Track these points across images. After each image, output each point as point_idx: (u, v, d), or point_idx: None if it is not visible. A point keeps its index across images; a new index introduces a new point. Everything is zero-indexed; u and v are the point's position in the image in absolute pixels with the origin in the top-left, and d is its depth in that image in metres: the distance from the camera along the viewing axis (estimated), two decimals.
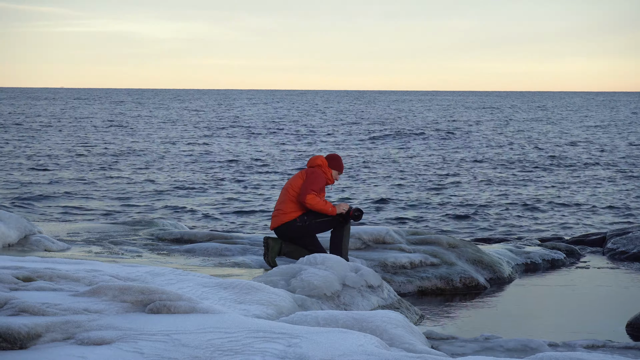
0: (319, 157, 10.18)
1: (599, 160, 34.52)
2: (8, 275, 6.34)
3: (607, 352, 6.86)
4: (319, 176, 9.97)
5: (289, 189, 9.98)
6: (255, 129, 55.71)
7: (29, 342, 5.17)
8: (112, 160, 32.67)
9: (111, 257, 10.01)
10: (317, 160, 10.14)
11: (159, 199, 22.58)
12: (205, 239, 11.78)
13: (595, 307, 9.91)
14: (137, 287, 5.97)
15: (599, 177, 28.60)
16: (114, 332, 5.35)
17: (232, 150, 39.04)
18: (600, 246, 13.80)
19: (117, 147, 39.45)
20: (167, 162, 32.49)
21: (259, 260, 10.47)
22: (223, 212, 20.41)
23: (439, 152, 38.50)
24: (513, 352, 6.90)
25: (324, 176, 10.06)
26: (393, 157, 35.55)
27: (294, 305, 7.27)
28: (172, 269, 7.85)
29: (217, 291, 7.11)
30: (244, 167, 31.42)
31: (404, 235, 11.58)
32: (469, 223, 19.06)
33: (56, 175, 27.08)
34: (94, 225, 13.17)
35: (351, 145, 42.66)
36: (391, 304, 8.68)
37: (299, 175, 10.05)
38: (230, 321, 5.64)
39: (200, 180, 26.95)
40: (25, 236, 10.69)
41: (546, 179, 27.92)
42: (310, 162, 10.17)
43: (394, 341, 6.06)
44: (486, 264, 11.25)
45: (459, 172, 29.89)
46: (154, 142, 42.80)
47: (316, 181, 9.94)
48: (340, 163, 10.28)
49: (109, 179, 26.55)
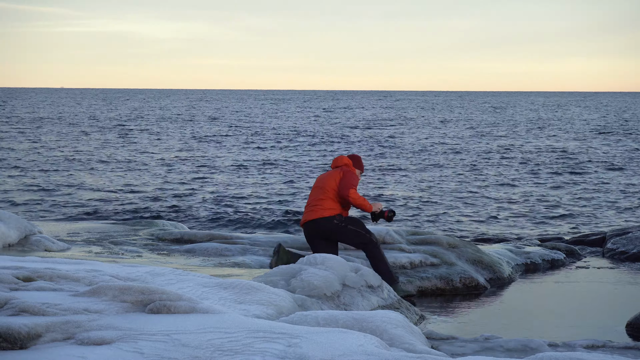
0: (344, 157, 10.36)
1: (598, 160, 34.52)
2: (8, 275, 6.34)
3: (607, 352, 6.87)
4: (353, 174, 10.19)
5: (326, 187, 10.06)
6: (258, 131, 55.72)
7: (29, 342, 5.18)
8: (112, 160, 32.67)
9: (111, 257, 10.01)
10: (344, 159, 10.31)
11: (159, 199, 22.58)
12: (205, 239, 11.79)
13: (595, 307, 9.91)
14: (137, 287, 5.98)
15: (599, 177, 28.60)
16: (114, 332, 5.35)
17: (232, 150, 39.04)
18: (600, 246, 13.80)
19: (117, 147, 39.45)
20: (167, 162, 32.48)
21: (259, 260, 10.47)
22: (223, 212, 20.41)
23: (439, 151, 38.50)
24: (513, 352, 6.90)
25: (356, 175, 10.26)
26: (393, 157, 35.55)
27: (294, 305, 7.27)
28: (172, 269, 7.85)
29: (217, 291, 7.11)
30: (245, 167, 31.42)
31: (404, 235, 11.58)
32: (469, 223, 19.06)
33: (56, 175, 27.07)
34: (94, 225, 13.17)
35: (349, 143, 42.69)
36: (391, 304, 8.68)
37: (332, 174, 10.15)
38: (230, 321, 5.64)
39: (201, 180, 26.95)
40: (25, 236, 10.70)
41: (546, 179, 27.92)
42: (337, 162, 10.32)
43: (394, 341, 6.06)
44: (486, 264, 11.24)
45: (459, 172, 29.89)
46: (154, 142, 42.80)
47: (353, 178, 10.16)
48: (362, 163, 10.53)
49: (109, 179, 26.54)
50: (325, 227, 9.98)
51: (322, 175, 10.24)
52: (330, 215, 10.00)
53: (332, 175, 10.13)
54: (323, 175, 10.25)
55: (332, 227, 9.98)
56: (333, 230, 9.98)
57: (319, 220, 9.99)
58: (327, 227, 9.97)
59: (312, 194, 10.18)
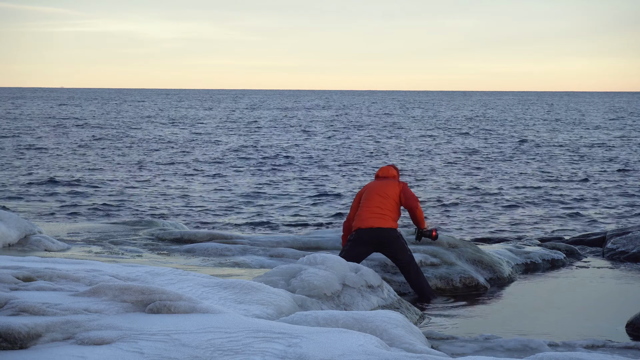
0: (393, 168, 10.49)
1: (598, 160, 34.51)
2: (8, 275, 6.34)
3: (607, 352, 6.86)
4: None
5: (389, 197, 10.12)
6: (259, 128, 55.70)
7: (29, 342, 5.18)
8: (112, 160, 32.66)
9: (111, 257, 10.01)
10: (392, 171, 10.44)
11: (160, 198, 22.58)
12: (205, 239, 11.78)
13: (595, 307, 9.91)
14: (137, 287, 5.97)
15: (599, 177, 28.59)
16: (114, 332, 5.35)
17: (232, 151, 39.02)
18: (600, 246, 13.79)
19: (117, 147, 39.43)
20: (167, 162, 32.48)
21: (259, 260, 10.47)
22: (223, 212, 20.41)
23: (439, 152, 38.49)
24: (513, 352, 6.90)
25: None
26: (392, 157, 35.54)
27: (294, 305, 7.26)
28: (172, 268, 7.85)
29: (217, 291, 7.11)
30: (245, 168, 31.41)
31: (404, 235, 11.57)
32: (469, 223, 19.06)
33: (56, 175, 27.07)
34: (94, 225, 13.16)
35: (348, 142, 42.68)
36: (391, 304, 8.67)
37: (391, 185, 10.22)
38: (230, 321, 5.64)
39: (201, 180, 26.94)
40: (25, 236, 10.69)
41: (546, 179, 27.92)
42: (386, 173, 10.41)
43: (394, 341, 6.06)
44: (486, 264, 11.24)
45: (459, 172, 29.88)
46: (154, 142, 42.79)
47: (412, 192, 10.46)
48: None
49: (109, 179, 26.54)
50: (387, 238, 10.00)
51: (378, 184, 10.25)
52: (394, 227, 10.11)
53: (391, 185, 10.21)
54: (379, 183, 10.26)
55: (393, 239, 10.03)
56: (392, 242, 10.03)
57: (385, 230, 10.01)
58: (389, 237, 10.01)
59: (372, 201, 10.11)
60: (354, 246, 9.98)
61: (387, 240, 9.99)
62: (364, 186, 10.41)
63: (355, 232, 10.03)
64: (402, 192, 10.20)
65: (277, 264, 10.20)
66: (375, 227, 9.96)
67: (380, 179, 10.37)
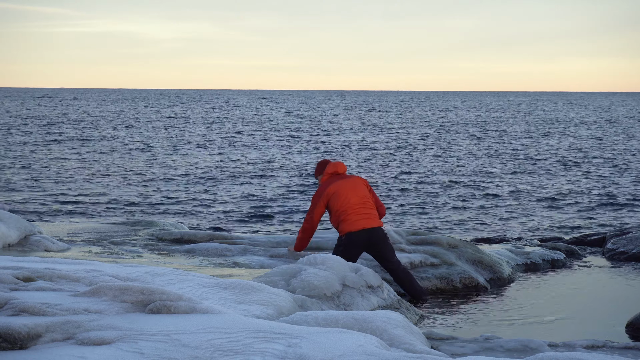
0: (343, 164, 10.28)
1: (598, 160, 34.51)
2: (8, 276, 6.34)
3: (607, 352, 6.86)
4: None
5: (365, 195, 9.98)
6: (259, 131, 55.71)
7: (29, 342, 5.18)
8: (113, 160, 32.67)
9: (111, 257, 10.00)
10: (345, 166, 10.27)
11: (160, 198, 22.58)
12: (205, 239, 11.77)
13: (595, 307, 9.91)
14: (137, 287, 5.97)
15: (599, 177, 28.59)
16: (114, 332, 5.35)
17: (232, 151, 39.03)
18: (600, 246, 13.79)
19: (117, 147, 39.44)
20: (167, 162, 32.48)
21: (259, 260, 10.47)
22: (223, 213, 20.41)
23: (438, 152, 38.48)
24: (513, 352, 6.90)
25: None
26: (392, 157, 35.54)
27: (294, 306, 7.27)
28: (172, 269, 7.84)
29: (217, 291, 7.11)
30: (245, 167, 31.41)
31: (404, 235, 11.57)
32: (469, 223, 19.06)
33: (56, 175, 27.07)
34: (94, 225, 13.16)
35: (345, 144, 42.67)
36: (391, 304, 8.67)
37: (358, 181, 10.07)
38: (230, 321, 5.64)
39: (201, 180, 26.95)
40: (25, 236, 10.69)
41: (546, 178, 27.92)
42: (344, 169, 10.24)
43: (394, 341, 6.06)
44: (486, 264, 11.24)
45: (459, 172, 29.88)
46: (154, 142, 42.79)
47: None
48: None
49: (109, 179, 26.54)
50: (379, 237, 9.91)
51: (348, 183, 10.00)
52: (382, 225, 10.03)
53: (358, 181, 10.03)
54: (348, 182, 10.01)
55: (383, 238, 9.93)
56: (382, 242, 9.91)
57: (377, 229, 9.92)
58: (381, 237, 9.92)
59: (352, 202, 9.90)
60: (346, 250, 9.89)
61: (378, 240, 9.90)
62: (327, 188, 9.99)
63: (345, 237, 9.91)
64: (368, 188, 10.07)
65: (277, 264, 10.20)
66: (368, 228, 9.88)
67: (342, 177, 10.10)
